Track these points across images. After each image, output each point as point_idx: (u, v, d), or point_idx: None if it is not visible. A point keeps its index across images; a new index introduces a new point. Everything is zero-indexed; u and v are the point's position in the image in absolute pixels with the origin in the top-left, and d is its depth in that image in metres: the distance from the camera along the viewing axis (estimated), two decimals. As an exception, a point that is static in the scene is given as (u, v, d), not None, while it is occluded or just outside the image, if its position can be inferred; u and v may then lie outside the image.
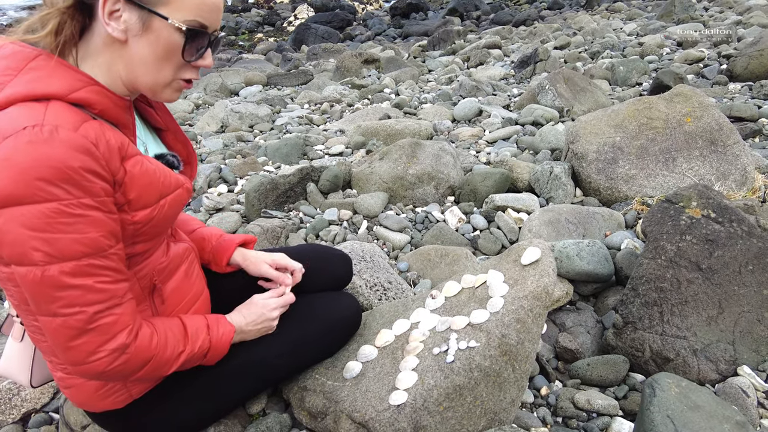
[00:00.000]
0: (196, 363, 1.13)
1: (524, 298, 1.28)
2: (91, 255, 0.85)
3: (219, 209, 2.79)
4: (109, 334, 0.91)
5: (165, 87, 0.95)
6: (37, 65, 0.86)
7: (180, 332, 1.07)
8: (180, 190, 1.03)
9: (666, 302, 1.59)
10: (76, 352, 0.89)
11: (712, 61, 5.49)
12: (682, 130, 2.60)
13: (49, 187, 0.79)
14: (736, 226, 1.63)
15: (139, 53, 0.90)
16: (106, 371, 0.93)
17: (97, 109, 0.90)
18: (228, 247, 1.37)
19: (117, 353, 0.93)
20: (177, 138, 1.18)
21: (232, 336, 1.17)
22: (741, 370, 1.49)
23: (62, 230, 0.82)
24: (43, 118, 0.80)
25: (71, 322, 0.87)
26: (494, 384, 1.20)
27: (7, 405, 1.56)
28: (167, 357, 1.03)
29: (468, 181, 2.74)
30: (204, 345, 1.11)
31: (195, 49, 0.93)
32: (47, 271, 0.83)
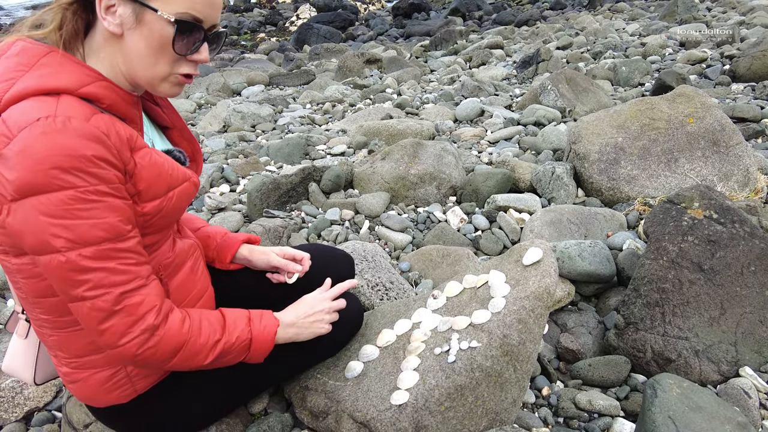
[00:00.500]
0: (239, 357, 1.10)
1: (526, 299, 1.28)
2: (110, 239, 0.88)
3: (221, 209, 2.79)
4: (137, 314, 0.92)
5: (162, 81, 0.96)
6: (47, 61, 0.89)
7: (217, 321, 1.07)
8: (187, 183, 1.05)
9: (668, 303, 1.59)
10: (108, 335, 0.91)
11: (714, 61, 5.48)
12: (685, 130, 2.60)
13: (65, 175, 0.82)
14: (738, 227, 1.63)
15: (135, 47, 0.91)
16: (139, 354, 0.94)
17: (105, 103, 0.92)
18: (233, 243, 1.39)
19: (147, 334, 0.93)
20: (183, 135, 1.20)
21: (276, 329, 1.14)
22: (743, 371, 1.49)
23: (81, 216, 0.84)
24: (55, 110, 0.83)
25: (99, 304, 0.88)
26: (496, 384, 1.20)
27: (10, 403, 1.57)
28: (201, 344, 1.01)
29: (470, 182, 2.74)
30: (243, 336, 1.08)
31: (188, 43, 0.93)
32: (69, 257, 0.85)
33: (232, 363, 1.11)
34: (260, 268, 1.41)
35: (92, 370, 1.07)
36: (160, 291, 0.97)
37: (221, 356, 1.06)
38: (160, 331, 0.95)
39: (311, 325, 1.22)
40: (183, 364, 1.01)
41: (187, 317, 1.02)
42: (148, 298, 0.94)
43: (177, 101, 5.92)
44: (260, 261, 1.40)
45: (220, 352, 1.04)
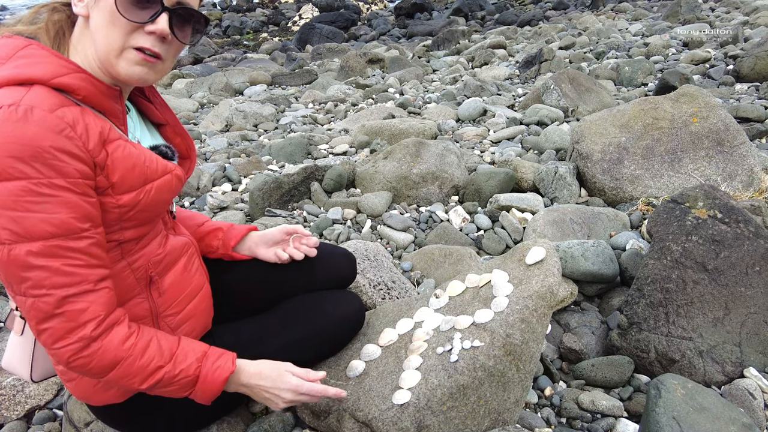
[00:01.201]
0: (182, 392, 1.04)
1: (529, 298, 1.28)
2: (59, 236, 0.85)
3: (223, 208, 2.79)
4: (77, 322, 0.89)
5: (117, 57, 0.91)
6: (25, 53, 0.89)
7: (168, 347, 1.01)
8: (169, 176, 1.03)
9: (671, 303, 1.58)
10: (44, 336, 0.89)
11: (718, 61, 5.46)
12: (688, 130, 2.58)
13: (19, 165, 0.80)
14: (743, 227, 1.62)
15: (96, 23, 0.91)
16: (71, 362, 0.91)
17: (80, 95, 0.91)
18: (240, 231, 1.39)
19: (82, 343, 0.90)
20: (176, 131, 1.19)
21: (227, 375, 1.05)
22: (747, 372, 1.48)
23: (30, 209, 0.82)
24: (21, 99, 0.82)
25: (39, 305, 0.86)
26: (498, 384, 1.20)
27: (12, 401, 1.57)
28: (140, 366, 0.96)
29: (472, 181, 2.73)
30: (189, 371, 1.02)
31: (138, 8, 0.89)
32: (13, 250, 0.83)
33: (176, 395, 1.05)
34: (268, 245, 1.39)
35: None
36: (107, 300, 0.93)
37: (161, 384, 1.00)
38: (97, 343, 0.92)
39: (264, 399, 1.12)
40: (119, 381, 0.97)
41: (135, 335, 0.97)
42: (92, 306, 0.90)
43: (179, 101, 5.93)
44: (271, 234, 1.38)
45: (159, 379, 0.99)
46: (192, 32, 0.99)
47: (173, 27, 0.93)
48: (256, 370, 1.10)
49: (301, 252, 1.38)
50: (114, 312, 0.95)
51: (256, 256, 1.39)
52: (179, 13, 0.94)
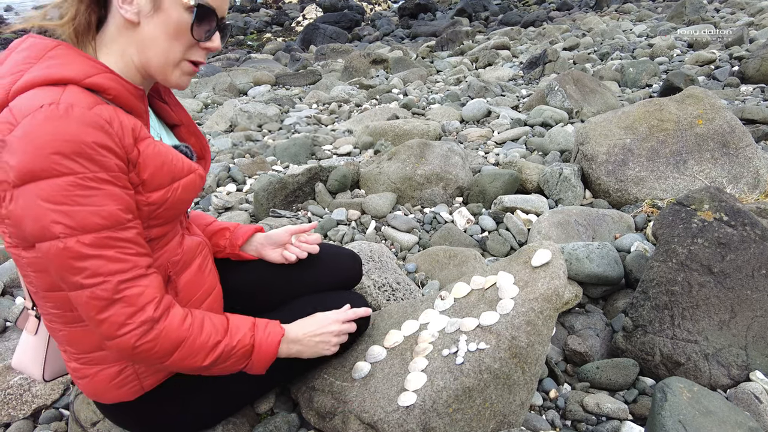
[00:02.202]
0: (239, 364, 1.08)
1: (534, 301, 1.28)
2: (109, 227, 0.87)
3: (228, 208, 2.80)
4: (137, 305, 0.91)
5: (174, 68, 0.98)
6: (55, 54, 0.91)
7: (220, 323, 1.05)
8: (193, 175, 1.06)
9: (677, 306, 1.58)
10: (107, 325, 0.90)
11: (723, 62, 5.44)
12: (694, 132, 2.58)
13: (66, 161, 0.82)
14: (749, 230, 1.62)
15: (151, 33, 0.94)
16: (137, 347, 0.93)
17: (111, 94, 0.93)
18: (247, 230, 1.41)
19: (146, 326, 0.92)
20: (191, 132, 1.21)
21: (279, 338, 1.12)
22: (753, 376, 1.48)
23: (80, 203, 0.84)
24: (59, 98, 0.84)
25: (98, 293, 0.88)
26: (504, 386, 1.20)
27: (18, 401, 1.58)
28: (201, 343, 1.00)
29: (476, 182, 2.73)
30: (245, 341, 1.06)
31: (203, 29, 0.97)
32: (68, 243, 0.85)
33: (231, 370, 1.08)
34: (274, 246, 1.41)
35: (101, 366, 1.08)
36: (160, 284, 0.97)
37: (221, 360, 1.04)
38: (160, 324, 0.94)
39: (316, 345, 1.19)
40: (181, 362, 0.99)
41: (189, 315, 1.01)
42: (147, 289, 0.93)
43: (183, 101, 5.95)
44: (277, 235, 1.40)
45: (219, 354, 1.02)
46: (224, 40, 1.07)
47: None
48: (299, 324, 1.19)
49: (303, 250, 1.39)
50: (165, 295, 0.98)
51: (263, 257, 1.40)
52: (222, 28, 1.02)
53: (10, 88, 0.87)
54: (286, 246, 1.41)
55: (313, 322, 1.20)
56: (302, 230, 1.42)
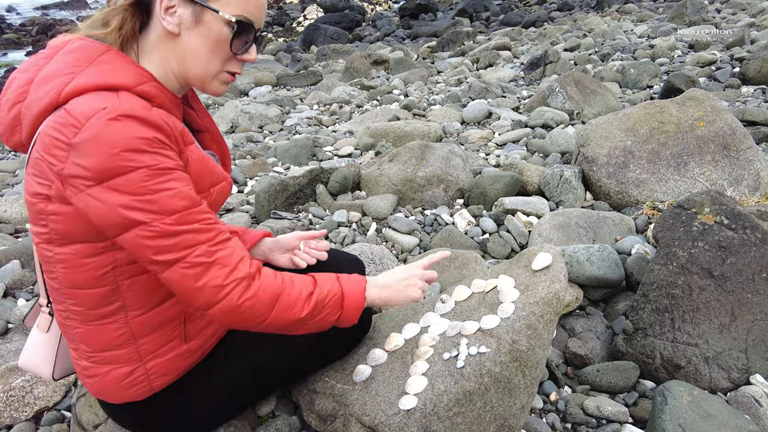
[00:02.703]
0: (333, 314, 1.09)
1: (535, 304, 1.28)
2: (188, 207, 0.92)
3: (229, 210, 2.80)
4: (231, 264, 0.95)
5: (213, 78, 1.02)
6: (106, 59, 0.94)
7: (307, 277, 1.08)
8: (224, 183, 1.11)
9: (677, 309, 1.58)
10: (206, 291, 0.93)
11: (724, 64, 5.44)
12: (694, 134, 2.58)
13: (137, 156, 0.86)
14: (750, 233, 1.62)
15: (191, 45, 0.97)
16: (241, 305, 0.95)
17: (156, 102, 0.97)
18: (255, 235, 1.42)
19: (245, 282, 0.96)
20: (214, 139, 1.23)
21: (364, 284, 1.14)
22: (754, 379, 1.48)
23: (159, 189, 0.88)
24: (119, 102, 0.88)
25: (192, 260, 0.92)
26: (504, 390, 1.20)
27: (21, 402, 1.58)
28: (296, 295, 1.03)
29: (477, 184, 2.73)
30: (334, 289, 1.09)
31: (242, 43, 1.00)
32: (156, 227, 0.89)
33: (326, 322, 1.09)
34: (285, 246, 1.42)
35: (112, 365, 1.08)
36: (242, 246, 1.00)
37: (317, 309, 1.05)
38: (257, 281, 0.98)
39: (405, 289, 1.20)
40: (281, 315, 1.01)
41: (278, 273, 1.04)
42: (236, 250, 0.97)
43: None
44: (285, 240, 1.42)
45: (315, 304, 1.05)
46: None
47: None
48: (386, 274, 1.22)
49: (312, 256, 1.40)
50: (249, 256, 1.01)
51: (270, 262, 1.41)
52: (257, 39, 1.05)
53: (62, 90, 0.89)
54: (295, 252, 1.41)
55: (399, 270, 1.23)
56: (312, 237, 1.43)
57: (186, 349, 1.15)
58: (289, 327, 1.06)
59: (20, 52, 15.10)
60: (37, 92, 0.92)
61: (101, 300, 1.01)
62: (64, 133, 0.86)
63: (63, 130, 0.86)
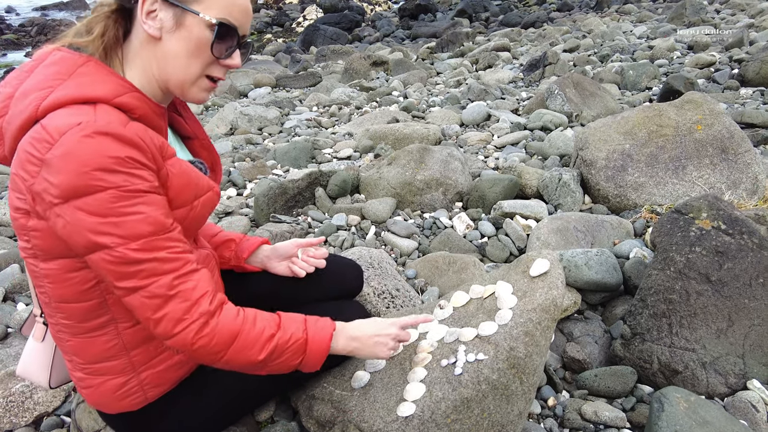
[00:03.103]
0: (294, 359, 1.07)
1: (533, 311, 1.28)
2: (156, 232, 0.90)
3: (228, 213, 2.81)
4: (191, 299, 0.93)
5: (192, 84, 0.99)
6: (85, 71, 0.92)
7: (272, 318, 1.06)
8: (210, 193, 1.08)
9: (675, 314, 1.59)
10: (164, 323, 0.92)
11: (723, 65, 5.45)
12: (693, 137, 2.58)
13: (108, 176, 0.85)
14: (747, 239, 1.62)
15: (172, 49, 0.95)
16: (195, 342, 0.94)
17: (137, 114, 0.95)
18: (252, 243, 1.42)
19: (203, 319, 0.94)
20: (203, 145, 1.23)
21: (331, 332, 1.11)
22: (751, 384, 1.49)
23: (127, 213, 0.87)
24: (94, 117, 0.86)
25: (154, 290, 0.90)
26: (502, 397, 1.21)
27: (20, 408, 1.59)
28: (255, 336, 1.00)
29: (476, 187, 2.74)
30: (298, 334, 1.06)
31: (224, 47, 0.98)
32: (119, 252, 0.87)
33: (287, 366, 1.07)
34: (280, 259, 1.42)
35: (105, 376, 1.09)
36: (209, 278, 0.99)
37: (276, 353, 1.03)
38: (215, 319, 0.96)
39: (374, 345, 1.18)
40: (237, 355, 0.99)
41: (241, 311, 1.02)
42: (200, 283, 0.95)
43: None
44: (284, 248, 1.41)
45: (274, 347, 1.02)
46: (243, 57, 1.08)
47: None
48: (358, 323, 1.19)
49: (311, 264, 1.40)
50: (218, 292, 1.00)
51: (268, 269, 1.41)
52: (243, 45, 1.03)
53: (39, 104, 0.88)
54: (293, 260, 1.42)
55: (373, 323, 1.20)
56: (310, 244, 1.43)
57: (179, 360, 1.15)
58: (247, 368, 1.03)
59: (20, 53, 15.10)
60: (18, 106, 0.91)
61: (90, 313, 1.01)
62: (37, 148, 0.85)
63: (37, 145, 0.85)
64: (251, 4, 1.03)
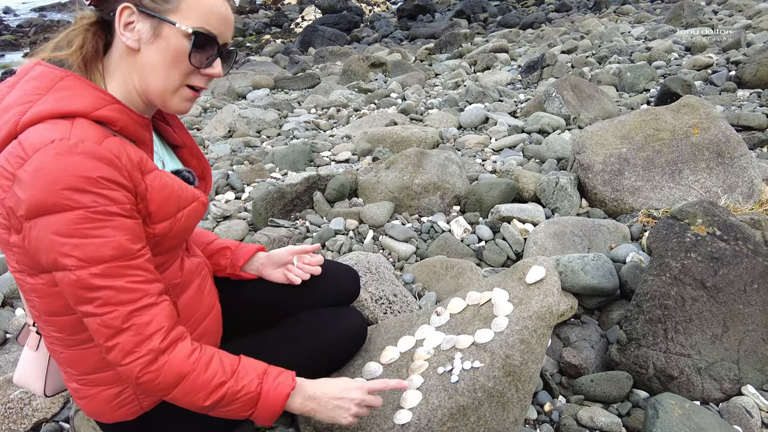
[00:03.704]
0: (243, 411, 1.04)
1: (528, 319, 1.29)
2: (119, 258, 0.89)
3: (226, 217, 2.81)
4: (144, 334, 0.92)
5: (173, 94, 0.99)
6: (64, 85, 0.92)
7: (230, 364, 1.03)
8: (195, 204, 1.08)
9: (670, 320, 1.60)
10: (115, 352, 0.92)
11: (720, 67, 5.46)
12: (689, 141, 2.60)
13: (76, 195, 0.84)
14: (742, 245, 1.64)
15: (150, 59, 0.95)
16: (140, 377, 0.93)
17: (118, 126, 0.95)
18: (248, 250, 1.42)
19: (151, 355, 0.93)
20: (192, 153, 1.23)
21: (289, 390, 1.06)
22: (745, 390, 1.50)
23: (90, 235, 0.86)
24: (69, 133, 0.86)
25: (108, 321, 0.90)
26: (497, 404, 1.22)
27: (19, 414, 1.59)
28: (204, 381, 0.98)
29: (474, 191, 2.75)
30: (251, 387, 1.02)
31: (203, 56, 0.98)
32: (79, 275, 0.87)
33: (236, 416, 1.05)
34: (278, 261, 1.43)
35: (100, 387, 1.10)
36: (170, 313, 0.97)
37: (224, 402, 1.01)
38: (165, 357, 0.94)
39: (333, 409, 1.11)
40: (183, 398, 0.98)
41: (198, 350, 1.00)
42: (156, 318, 0.94)
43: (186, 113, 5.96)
44: (278, 255, 1.42)
45: (222, 396, 1.00)
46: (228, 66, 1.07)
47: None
48: (320, 383, 1.12)
49: (306, 271, 1.41)
50: (177, 327, 0.99)
51: (264, 276, 1.42)
52: (225, 54, 1.03)
53: (19, 120, 0.88)
54: (289, 267, 1.42)
55: (336, 384, 1.13)
56: (305, 251, 1.43)
57: None
58: (194, 409, 1.01)
59: (17, 54, 15.10)
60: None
61: (79, 325, 1.01)
62: (11, 163, 0.85)
63: (11, 160, 0.85)
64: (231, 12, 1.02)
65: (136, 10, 0.93)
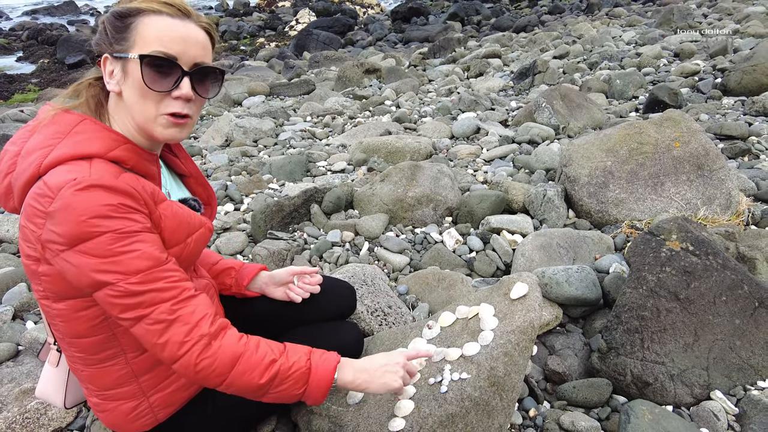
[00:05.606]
0: (296, 387, 1.10)
1: (512, 333, 1.40)
2: (153, 266, 0.99)
3: (226, 229, 2.91)
4: (191, 322, 1.01)
5: (154, 123, 1.05)
6: (81, 129, 1.04)
7: (276, 346, 1.11)
8: (203, 230, 1.19)
9: (646, 330, 1.71)
10: (168, 347, 1.00)
11: (707, 74, 5.60)
12: (671, 155, 2.72)
13: (102, 222, 0.95)
14: (712, 259, 1.75)
15: (128, 98, 1.04)
16: (198, 363, 1.01)
17: (129, 164, 1.07)
18: (252, 270, 1.54)
19: (204, 342, 1.01)
20: (198, 182, 1.35)
21: (335, 364, 1.14)
22: (714, 395, 1.61)
23: (122, 252, 0.96)
24: (89, 171, 0.97)
25: (156, 316, 0.99)
26: (483, 412, 1.33)
27: (36, 424, 1.69)
28: (257, 360, 1.05)
29: (465, 203, 2.86)
30: (301, 363, 1.10)
31: (162, 79, 1.01)
32: (121, 287, 0.97)
33: (290, 394, 1.10)
34: (280, 281, 1.53)
35: (119, 401, 1.20)
36: (209, 303, 1.07)
37: (278, 379, 1.07)
38: (217, 341, 1.03)
39: (384, 375, 1.18)
40: (239, 379, 1.04)
41: (245, 336, 1.09)
42: (199, 307, 1.03)
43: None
44: (280, 276, 1.52)
45: (276, 372, 1.07)
46: (211, 86, 1.11)
47: (195, 88, 1.06)
48: (366, 361, 1.20)
49: (306, 291, 1.52)
50: (219, 316, 1.08)
51: (266, 294, 1.53)
52: (197, 73, 1.06)
53: (41, 162, 0.99)
54: (290, 286, 1.53)
55: (378, 356, 1.23)
56: (304, 272, 1.54)
57: (185, 382, 1.25)
58: (249, 392, 1.07)
59: (11, 58, 15.08)
60: (23, 164, 1.02)
61: (100, 346, 1.12)
62: (41, 203, 0.96)
63: (40, 200, 0.96)
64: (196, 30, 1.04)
65: (111, 58, 1.04)
